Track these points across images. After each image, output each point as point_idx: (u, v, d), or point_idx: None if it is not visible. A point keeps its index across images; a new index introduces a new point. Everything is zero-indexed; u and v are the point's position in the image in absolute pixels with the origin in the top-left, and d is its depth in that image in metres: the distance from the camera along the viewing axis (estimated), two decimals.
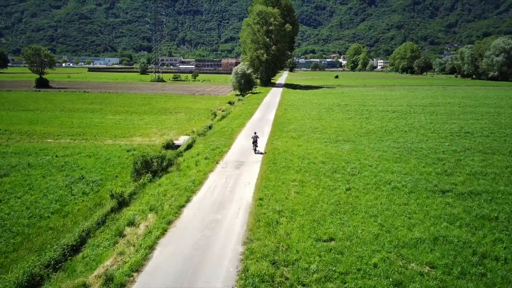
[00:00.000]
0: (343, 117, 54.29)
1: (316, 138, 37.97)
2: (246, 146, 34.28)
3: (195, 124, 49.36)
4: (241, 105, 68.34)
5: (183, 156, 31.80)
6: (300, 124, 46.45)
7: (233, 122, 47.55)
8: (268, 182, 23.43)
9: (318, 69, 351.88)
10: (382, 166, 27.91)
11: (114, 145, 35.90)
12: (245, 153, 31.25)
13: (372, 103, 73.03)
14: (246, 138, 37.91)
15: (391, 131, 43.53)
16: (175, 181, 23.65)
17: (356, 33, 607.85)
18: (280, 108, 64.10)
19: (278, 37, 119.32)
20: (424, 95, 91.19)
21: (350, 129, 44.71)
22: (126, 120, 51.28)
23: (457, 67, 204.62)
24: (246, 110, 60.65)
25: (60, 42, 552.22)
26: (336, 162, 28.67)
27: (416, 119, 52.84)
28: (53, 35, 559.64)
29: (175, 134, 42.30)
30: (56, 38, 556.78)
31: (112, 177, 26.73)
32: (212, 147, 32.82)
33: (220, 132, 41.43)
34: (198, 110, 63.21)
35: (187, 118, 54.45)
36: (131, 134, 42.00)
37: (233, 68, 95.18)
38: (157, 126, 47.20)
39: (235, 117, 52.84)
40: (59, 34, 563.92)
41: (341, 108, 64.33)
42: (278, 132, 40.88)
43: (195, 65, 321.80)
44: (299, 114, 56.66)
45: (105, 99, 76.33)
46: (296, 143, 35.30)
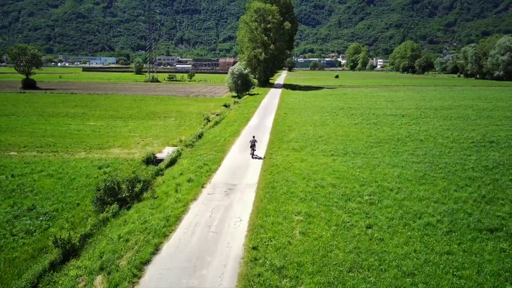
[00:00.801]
0: (349, 123, 49.13)
1: (321, 151, 32.77)
2: (240, 161, 29.08)
3: (185, 132, 44.14)
4: (237, 109, 63.11)
5: (163, 175, 26.55)
6: (302, 132, 41.26)
7: (227, 130, 42.30)
8: (265, 217, 18.20)
9: (318, 69, 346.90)
10: (406, 189, 22.75)
11: (85, 160, 30.64)
12: (238, 172, 26.00)
13: (378, 105, 67.89)
14: (241, 150, 32.72)
15: (405, 140, 38.40)
16: (145, 217, 18.37)
17: (355, 32, 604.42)
18: (279, 112, 58.89)
19: (277, 36, 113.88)
20: (432, 96, 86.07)
21: (359, 137, 39.56)
22: (108, 126, 46.00)
23: (460, 66, 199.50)
24: (242, 114, 55.41)
25: (57, 42, 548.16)
26: (349, 184, 23.49)
27: (430, 125, 47.72)
28: (50, 34, 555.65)
29: (159, 144, 37.08)
30: (54, 38, 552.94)
31: (72, 206, 21.51)
32: (199, 164, 27.56)
33: (211, 142, 36.20)
34: (190, 114, 57.97)
35: (176, 124, 49.22)
36: (109, 144, 36.74)
37: (229, 68, 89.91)
38: (141, 134, 41.94)
39: (230, 123, 47.61)
40: (56, 33, 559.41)
41: (345, 112, 59.17)
42: (278, 143, 35.67)
43: (192, 64, 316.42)
44: (300, 119, 51.47)
45: (92, 102, 71.03)
46: (298, 157, 30.10)
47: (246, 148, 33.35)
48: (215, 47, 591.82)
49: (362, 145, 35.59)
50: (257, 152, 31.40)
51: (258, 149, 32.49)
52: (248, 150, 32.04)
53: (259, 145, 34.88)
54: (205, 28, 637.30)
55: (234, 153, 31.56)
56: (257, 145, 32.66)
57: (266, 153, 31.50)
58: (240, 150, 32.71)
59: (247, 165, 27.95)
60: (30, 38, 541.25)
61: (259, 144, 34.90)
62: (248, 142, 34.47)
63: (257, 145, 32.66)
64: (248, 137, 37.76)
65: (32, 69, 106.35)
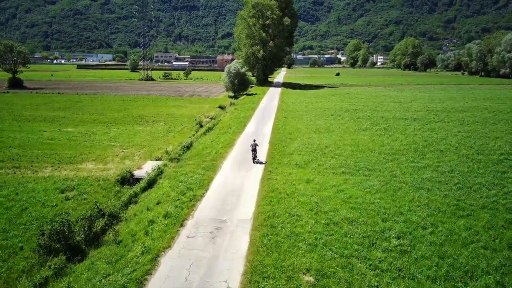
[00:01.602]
0: (357, 128, 44.15)
1: (329, 167, 27.79)
2: (233, 183, 24.07)
3: (173, 140, 39.13)
4: (233, 111, 58.05)
5: (137, 203, 21.56)
6: (305, 141, 36.26)
7: (220, 139, 37.24)
8: (263, 280, 13.22)
9: (317, 66, 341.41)
10: (441, 227, 17.82)
11: (48, 180, 25.60)
12: (229, 200, 20.97)
13: (385, 107, 62.89)
14: (234, 167, 27.70)
15: (423, 151, 33.47)
16: (96, 279, 13.37)
17: (354, 28, 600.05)
18: (279, 115, 53.87)
19: (276, 32, 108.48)
20: (440, 96, 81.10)
21: (370, 147, 34.61)
22: (86, 134, 40.90)
23: (464, 63, 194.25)
24: (238, 119, 50.35)
25: (54, 38, 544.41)
26: (369, 218, 18.53)
27: (447, 131, 42.79)
28: (47, 31, 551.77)
29: (141, 157, 32.07)
30: (51, 34, 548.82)
31: (11, 251, 16.54)
32: (182, 188, 22.53)
33: (201, 155, 31.17)
34: (182, 118, 52.93)
35: (165, 130, 44.16)
36: (83, 157, 31.71)
37: (226, 66, 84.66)
38: (122, 144, 36.91)
39: (224, 130, 42.56)
40: (53, 30, 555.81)
41: (351, 115, 54.20)
42: (278, 156, 30.65)
43: (190, 61, 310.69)
44: (302, 124, 46.46)
45: (77, 103, 65.89)
46: (303, 176, 25.13)
47: (241, 164, 28.42)
48: (213, 44, 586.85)
49: (376, 158, 30.65)
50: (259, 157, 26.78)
51: (256, 166, 27.63)
52: (244, 166, 27.29)
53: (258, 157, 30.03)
54: (204, 25, 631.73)
55: (226, 171, 26.51)
56: (254, 163, 27.92)
57: (265, 171, 26.44)
58: (233, 167, 27.68)
59: (241, 188, 22.96)
60: (27, 35, 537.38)
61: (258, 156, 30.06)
62: (243, 154, 29.96)
63: (254, 163, 27.92)
64: (243, 150, 32.93)
65: (18, 67, 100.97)
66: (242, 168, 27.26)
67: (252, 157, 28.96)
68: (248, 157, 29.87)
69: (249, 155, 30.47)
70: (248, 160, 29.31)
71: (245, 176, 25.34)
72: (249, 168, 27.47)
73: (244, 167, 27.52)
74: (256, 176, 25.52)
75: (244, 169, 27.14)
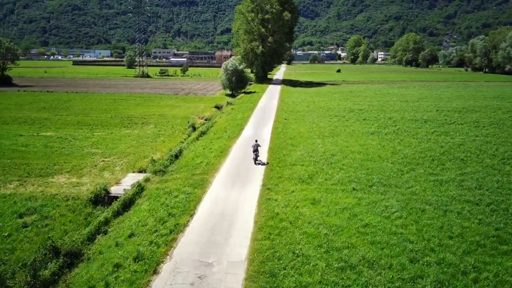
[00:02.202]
0: (364, 132, 40.33)
1: (338, 181, 23.99)
2: (225, 205, 20.21)
3: (162, 146, 35.29)
4: (229, 112, 54.13)
5: (107, 232, 17.71)
6: (308, 148, 32.41)
7: (213, 146, 33.37)
8: None
9: (317, 62, 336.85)
10: (487, 273, 14.05)
11: (7, 199, 21.76)
12: (219, 231, 17.06)
13: (392, 107, 59.05)
14: (227, 183, 23.84)
15: (441, 160, 29.69)
16: None
17: (354, 24, 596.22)
18: (279, 116, 50.01)
19: (276, 27, 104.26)
20: (448, 94, 77.22)
21: (381, 155, 30.82)
22: (66, 139, 37.00)
23: (468, 59, 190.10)
24: (235, 120, 46.47)
25: (53, 34, 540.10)
26: (393, 259, 14.70)
27: (463, 135, 39.04)
28: (45, 26, 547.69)
29: (123, 168, 28.22)
30: (49, 30, 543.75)
31: None
32: (163, 213, 18.71)
33: (190, 167, 27.30)
34: (174, 120, 49.03)
35: (154, 134, 40.28)
36: (56, 168, 27.85)
37: (223, 63, 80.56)
38: (104, 151, 33.04)
39: (218, 134, 38.66)
40: (52, 25, 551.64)
41: (356, 116, 50.36)
42: (278, 168, 26.80)
43: (188, 57, 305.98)
44: (304, 126, 42.63)
45: (65, 103, 61.93)
46: (308, 196, 21.32)
47: (236, 178, 24.62)
48: (212, 39, 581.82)
49: (389, 170, 26.85)
50: (251, 187, 22.84)
51: (253, 181, 23.84)
52: (239, 181, 23.61)
53: (254, 170, 26.21)
54: (203, 21, 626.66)
55: (217, 189, 22.62)
56: (251, 175, 24.17)
57: (263, 188, 22.61)
58: (226, 182, 23.81)
59: (235, 213, 19.12)
60: (25, 30, 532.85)
61: (254, 169, 26.28)
62: (239, 165, 26.33)
63: (251, 175, 24.17)
64: (239, 157, 29.24)
65: (7, 64, 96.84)
66: (237, 184, 23.45)
67: (254, 158, 28.13)
68: (244, 170, 26.15)
69: (245, 166, 26.80)
70: (244, 173, 25.55)
71: (240, 195, 21.51)
72: (245, 183, 23.67)
73: (239, 182, 23.71)
74: (252, 194, 21.71)
75: (238, 184, 23.33)
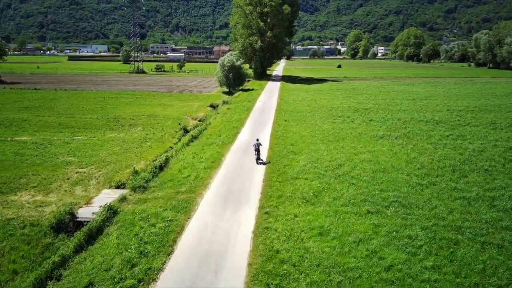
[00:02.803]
0: (372, 135, 36.64)
1: (348, 201, 20.28)
2: (212, 238, 16.45)
3: (148, 153, 31.52)
4: (225, 112, 50.28)
5: (61, 278, 14.00)
6: (311, 157, 28.66)
7: (205, 154, 29.57)
8: None
9: (317, 57, 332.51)
10: None
11: None
12: (201, 278, 13.41)
13: (399, 106, 55.31)
14: (216, 205, 20.03)
15: (463, 170, 26.05)
16: None
17: (354, 19, 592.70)
18: (278, 117, 46.21)
19: (275, 21, 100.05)
20: (456, 92, 73.44)
21: (394, 164, 27.14)
22: (42, 144, 33.19)
23: (471, 54, 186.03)
24: (230, 122, 42.68)
25: (50, 29, 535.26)
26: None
27: (483, 140, 35.32)
28: (43, 21, 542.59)
29: (99, 182, 24.48)
30: (46, 25, 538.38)
31: None
32: (133, 252, 14.94)
33: (175, 181, 23.53)
34: (165, 121, 45.22)
35: (141, 139, 36.48)
36: (21, 183, 24.07)
37: (219, 59, 76.55)
38: (82, 160, 29.25)
39: (211, 139, 34.87)
40: (49, 20, 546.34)
41: (362, 116, 46.62)
42: (278, 183, 23.04)
43: (186, 52, 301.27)
44: (306, 129, 38.89)
45: (50, 101, 58.04)
46: (314, 223, 17.60)
47: (228, 197, 20.92)
48: (211, 34, 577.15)
49: (406, 184, 23.19)
50: (247, 212, 19.15)
51: (248, 202, 20.14)
52: (232, 201, 19.95)
53: (250, 186, 22.52)
54: (201, 15, 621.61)
55: (204, 214, 18.81)
56: (246, 193, 20.48)
57: (260, 213, 18.86)
58: (216, 205, 19.98)
59: (224, 250, 15.39)
60: (22, 25, 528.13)
61: (250, 185, 22.61)
62: (232, 180, 22.77)
63: (246, 193, 20.48)
64: (233, 169, 25.54)
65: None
66: (229, 205, 19.74)
67: (256, 158, 27.52)
68: (238, 186, 22.47)
69: (239, 180, 23.15)
70: (238, 190, 21.85)
71: (232, 222, 17.78)
72: (239, 204, 19.96)
73: (232, 203, 20.01)
74: (247, 221, 17.99)
75: (231, 206, 19.63)
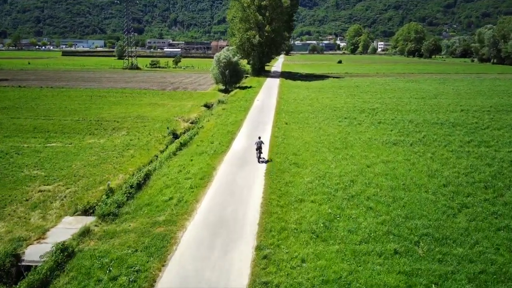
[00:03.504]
0: (383, 141, 32.50)
1: (368, 235, 16.14)
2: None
3: (129, 163, 27.25)
4: (220, 113, 45.96)
5: None
6: (319, 171, 24.44)
7: (193, 167, 25.28)
8: None
9: (316, 52, 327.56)
10: None
11: None
12: None
13: (408, 105, 51.15)
14: (201, 244, 15.84)
15: (497, 187, 22.08)
16: None
17: (353, 13, 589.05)
18: (278, 119, 41.95)
19: (274, 15, 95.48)
20: (466, 89, 69.21)
21: (415, 179, 23.08)
22: (8, 154, 28.80)
23: (474, 49, 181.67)
24: (225, 126, 38.41)
25: (47, 24, 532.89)
26: None
27: (509, 145, 31.28)
28: (39, 16, 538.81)
29: (63, 205, 20.27)
30: (43, 20, 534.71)
31: None
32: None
33: (153, 207, 19.24)
34: (153, 124, 40.95)
35: (123, 145, 32.20)
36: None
37: (215, 54, 72.10)
38: (50, 173, 24.99)
39: (202, 147, 30.59)
40: (46, 15, 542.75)
41: (369, 118, 42.44)
42: (278, 208, 18.82)
43: (183, 48, 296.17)
44: (310, 134, 34.69)
45: (32, 101, 53.66)
46: (328, 277, 13.44)
47: (216, 231, 16.72)
48: (209, 29, 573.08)
49: (434, 207, 19.12)
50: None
51: (242, 237, 15.97)
52: (221, 240, 15.79)
53: (245, 213, 18.34)
54: (200, 10, 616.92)
55: (185, 259, 14.56)
56: (240, 224, 16.33)
57: (257, 259, 14.60)
58: (201, 243, 15.75)
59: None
60: (18, 20, 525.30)
61: (245, 211, 18.44)
62: (223, 204, 18.73)
63: (240, 224, 16.33)
64: (225, 187, 21.38)
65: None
66: (218, 244, 15.56)
67: (257, 157, 26.66)
68: (231, 213, 18.32)
69: (232, 205, 19.03)
70: (230, 219, 17.68)
71: (219, 272, 13.58)
72: (230, 241, 15.81)
73: (221, 240, 15.85)
74: (240, 269, 13.81)
75: (220, 245, 15.46)
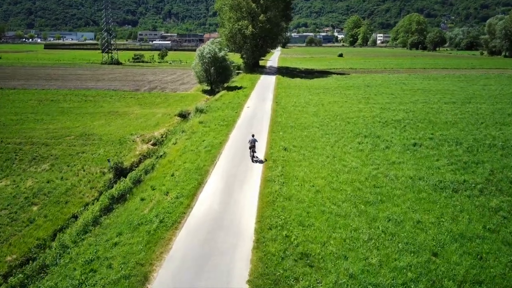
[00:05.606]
0: (436, 184, 20.93)
1: None
2: None
3: (17, 243, 15.69)
4: (195, 129, 34.00)
5: None
6: (348, 269, 12.99)
7: (125, 259, 13.74)
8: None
9: (314, 45, 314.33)
10: None
11: None
12: None
13: (442, 114, 39.46)
14: None
15: None
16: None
17: (350, 5, 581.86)
18: (273, 140, 30.19)
19: (269, 2, 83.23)
20: (498, 91, 57.52)
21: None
22: None
23: (484, 42, 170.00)
24: (196, 155, 26.51)
25: (39, 16, 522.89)
26: None
27: None
28: (31, 8, 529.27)
29: None
30: (35, 12, 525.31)
31: None
32: None
33: None
34: (98, 147, 29.18)
35: (30, 196, 20.44)
36: None
37: (198, 48, 59.93)
38: None
39: (153, 202, 18.89)
40: (37, 7, 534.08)
41: (398, 135, 30.79)
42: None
43: (176, 40, 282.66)
44: (321, 174, 23.01)
45: None
46: None
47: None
48: (204, 21, 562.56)
49: None
50: None
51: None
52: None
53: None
54: (194, 1, 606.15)
55: None
56: None
57: None
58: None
59: None
60: (10, 12, 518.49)
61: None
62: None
63: None
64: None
65: None
66: None
67: (251, 156, 24.70)
68: None
69: None
70: None
71: None
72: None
73: None
74: None
75: None
